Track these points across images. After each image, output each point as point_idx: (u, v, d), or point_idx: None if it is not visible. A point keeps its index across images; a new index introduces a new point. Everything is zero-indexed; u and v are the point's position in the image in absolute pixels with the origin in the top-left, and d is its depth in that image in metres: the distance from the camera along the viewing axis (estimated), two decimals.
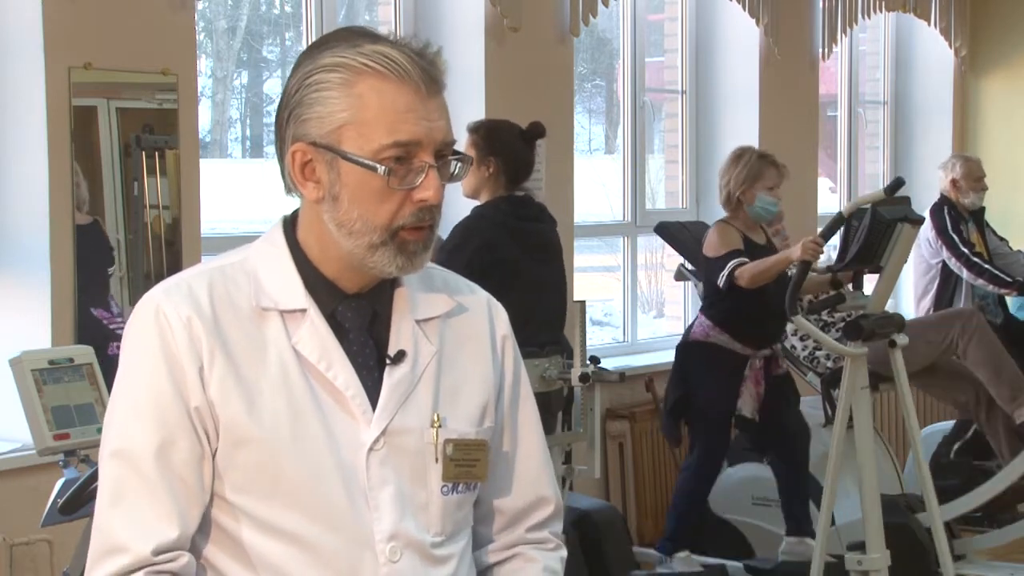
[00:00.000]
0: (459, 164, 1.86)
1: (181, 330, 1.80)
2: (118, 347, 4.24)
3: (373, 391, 1.86)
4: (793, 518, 5.65)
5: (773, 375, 5.58)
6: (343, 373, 1.84)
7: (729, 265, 5.34)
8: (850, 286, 5.25)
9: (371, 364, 1.87)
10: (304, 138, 1.83)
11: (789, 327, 5.86)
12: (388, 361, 1.87)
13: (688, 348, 5.59)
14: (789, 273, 5.25)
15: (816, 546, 5.04)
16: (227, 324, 1.83)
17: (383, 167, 1.79)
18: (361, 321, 1.88)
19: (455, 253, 4.50)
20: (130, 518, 1.78)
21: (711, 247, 5.49)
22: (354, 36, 1.84)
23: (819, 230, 5.51)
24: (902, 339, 5.01)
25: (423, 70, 1.81)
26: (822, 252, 5.16)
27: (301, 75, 1.83)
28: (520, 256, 4.60)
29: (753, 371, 5.49)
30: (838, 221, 5.03)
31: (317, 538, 1.81)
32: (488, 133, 4.70)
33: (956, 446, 6.93)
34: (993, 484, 5.92)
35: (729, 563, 5.69)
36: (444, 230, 4.80)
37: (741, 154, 5.57)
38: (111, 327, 4.39)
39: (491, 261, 4.50)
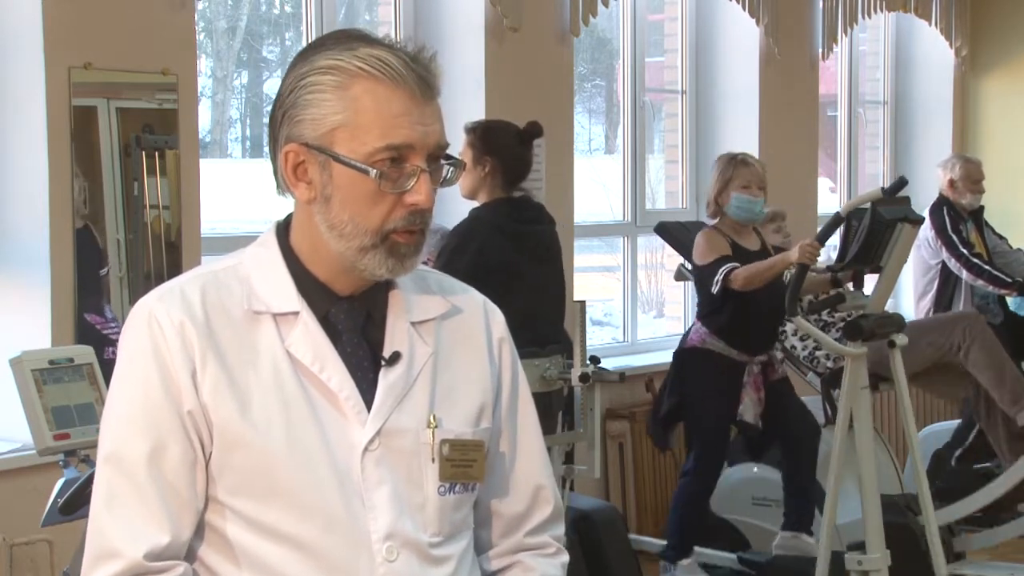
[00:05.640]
0: (451, 168, 1.87)
1: (174, 335, 1.81)
2: (113, 352, 4.28)
3: (368, 392, 1.86)
4: (792, 515, 5.65)
5: (771, 381, 5.58)
6: (336, 374, 1.84)
7: (722, 270, 5.32)
8: (850, 286, 5.24)
9: (365, 366, 1.87)
10: (297, 139, 1.83)
11: (789, 327, 5.86)
12: (383, 362, 1.87)
13: (684, 354, 5.59)
14: (785, 278, 5.25)
15: (820, 547, 5.04)
16: (220, 328, 1.83)
17: (375, 170, 1.80)
18: (354, 323, 1.89)
19: (454, 256, 4.48)
20: (122, 522, 1.79)
21: (699, 255, 5.47)
22: (349, 39, 1.85)
23: (819, 230, 5.51)
24: (902, 339, 5.01)
25: (418, 75, 1.82)
26: (819, 255, 5.16)
27: (296, 76, 1.85)
28: (519, 259, 4.58)
29: (752, 377, 5.49)
30: (835, 221, 5.03)
31: (313, 539, 1.81)
32: (484, 133, 4.69)
33: (957, 452, 6.92)
34: (992, 488, 5.91)
35: (723, 554, 5.70)
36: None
37: (717, 160, 5.60)
38: (104, 332, 4.38)
39: (488, 265, 4.47)
